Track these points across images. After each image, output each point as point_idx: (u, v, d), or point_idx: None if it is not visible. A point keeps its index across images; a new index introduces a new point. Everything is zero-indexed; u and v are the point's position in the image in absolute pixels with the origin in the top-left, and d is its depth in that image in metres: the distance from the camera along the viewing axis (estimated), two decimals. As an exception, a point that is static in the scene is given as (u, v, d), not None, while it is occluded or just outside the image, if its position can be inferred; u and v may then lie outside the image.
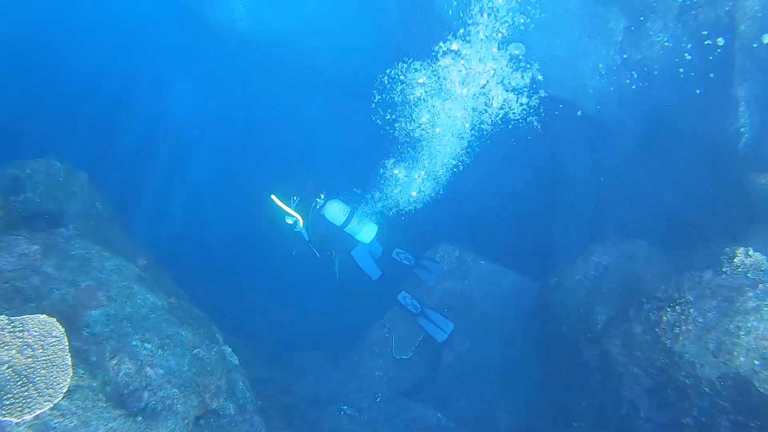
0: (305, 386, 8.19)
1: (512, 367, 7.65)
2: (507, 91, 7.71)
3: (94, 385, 3.81)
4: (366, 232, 7.51)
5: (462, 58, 7.59)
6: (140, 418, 3.89)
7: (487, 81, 7.67)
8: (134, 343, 4.47)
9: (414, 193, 8.12)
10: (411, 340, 8.07)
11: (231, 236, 13.56)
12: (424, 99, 7.84)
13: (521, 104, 7.74)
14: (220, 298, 11.32)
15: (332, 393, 8.10)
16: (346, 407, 7.44)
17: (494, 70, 7.64)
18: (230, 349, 5.91)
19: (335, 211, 7.38)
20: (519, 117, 7.81)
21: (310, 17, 13.12)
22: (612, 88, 8.77)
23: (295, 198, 7.61)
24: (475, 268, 8.41)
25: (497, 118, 7.86)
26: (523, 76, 7.75)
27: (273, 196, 7.48)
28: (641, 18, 8.34)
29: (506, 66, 7.68)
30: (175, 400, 4.29)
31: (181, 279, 7.98)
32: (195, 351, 4.96)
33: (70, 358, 3.49)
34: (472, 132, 7.99)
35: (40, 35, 15.90)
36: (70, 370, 3.45)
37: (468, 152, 8.10)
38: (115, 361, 4.13)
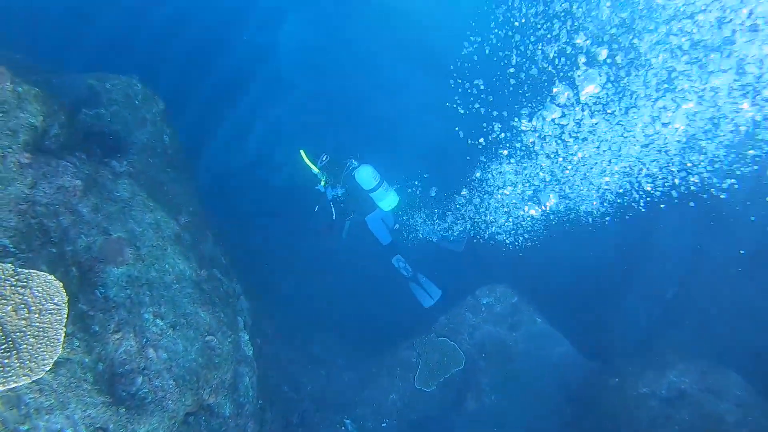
0: (316, 379, 7.77)
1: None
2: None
3: (86, 360, 3.41)
4: (388, 200, 7.71)
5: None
6: (123, 409, 3.48)
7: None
8: (146, 316, 4.05)
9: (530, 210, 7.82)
10: (438, 373, 7.46)
11: (289, 193, 13.22)
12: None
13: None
14: (259, 257, 11.05)
15: (340, 396, 7.65)
16: (349, 422, 6.98)
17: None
18: (247, 337, 5.50)
19: (367, 175, 7.54)
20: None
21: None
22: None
23: (324, 157, 7.77)
24: (528, 323, 7.64)
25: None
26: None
27: (301, 151, 7.63)
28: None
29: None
30: (169, 394, 3.87)
31: (227, 234, 7.68)
32: (208, 338, 4.52)
33: (63, 333, 3.08)
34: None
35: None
36: (60, 348, 3.04)
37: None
38: (118, 336, 3.73)
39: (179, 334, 4.25)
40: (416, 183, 9.46)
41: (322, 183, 7.76)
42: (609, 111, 6.69)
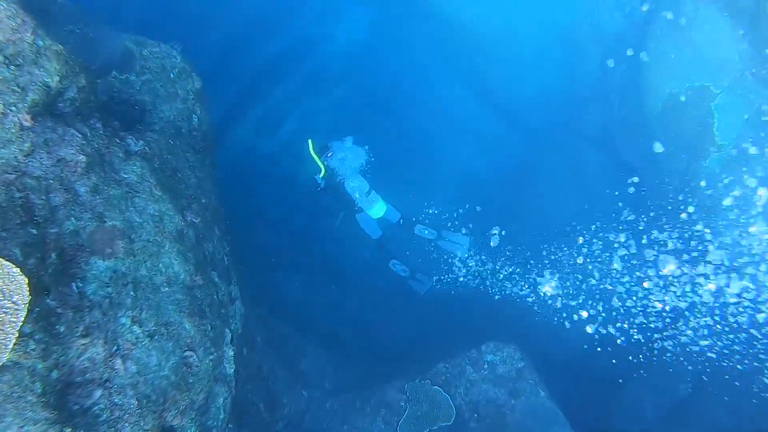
0: (296, 401, 7.30)
1: None
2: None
3: (39, 367, 2.96)
4: (375, 209, 8.08)
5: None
6: (69, 429, 3.01)
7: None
8: (123, 320, 3.60)
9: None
10: (424, 424, 6.93)
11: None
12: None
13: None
14: (268, 253, 10.65)
15: (317, 424, 7.18)
16: None
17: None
18: (232, 353, 5.03)
19: (354, 187, 7.90)
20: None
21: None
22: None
23: (329, 154, 7.97)
24: (531, 393, 7.06)
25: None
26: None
27: (309, 141, 7.84)
28: None
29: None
30: (127, 416, 3.40)
31: (237, 226, 7.26)
32: (187, 354, 4.06)
33: (15, 337, 2.62)
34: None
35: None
36: (6, 353, 2.59)
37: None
38: (85, 341, 3.28)
39: (156, 345, 3.79)
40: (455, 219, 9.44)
41: (321, 174, 7.98)
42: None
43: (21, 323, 2.63)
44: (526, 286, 8.63)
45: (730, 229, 7.49)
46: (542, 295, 8.40)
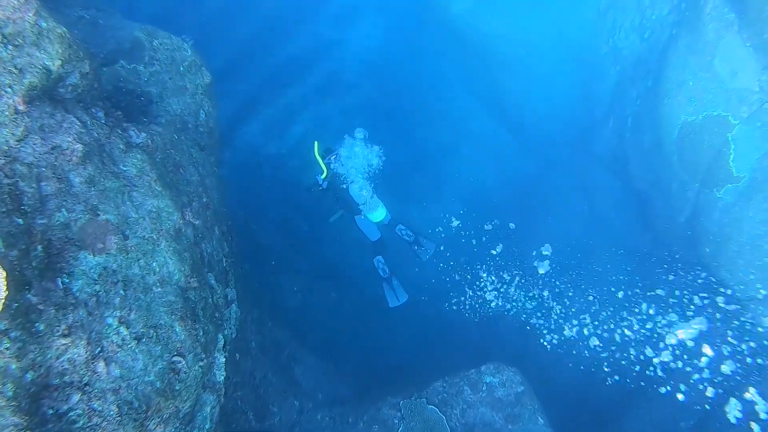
0: (286, 410, 7.07)
1: None
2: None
3: (13, 367, 2.76)
4: (376, 214, 8.16)
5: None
6: (41, 437, 2.80)
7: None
8: (110, 321, 3.40)
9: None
10: (416, 444, 6.69)
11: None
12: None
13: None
14: (269, 254, 10.45)
15: (306, 437, 6.94)
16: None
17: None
18: (224, 359, 4.82)
19: (356, 192, 7.94)
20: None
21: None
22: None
23: (333, 157, 7.97)
24: (529, 420, 6.81)
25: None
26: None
27: (316, 143, 7.89)
28: None
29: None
30: (105, 423, 3.19)
31: (238, 226, 7.08)
32: (176, 359, 3.85)
33: (-11, 336, 2.42)
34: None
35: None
36: (-22, 354, 2.39)
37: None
38: (66, 341, 3.08)
39: (143, 348, 3.59)
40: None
41: (323, 176, 8.02)
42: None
43: (-4, 320, 2.43)
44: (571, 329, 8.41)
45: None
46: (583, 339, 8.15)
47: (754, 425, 6.53)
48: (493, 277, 9.03)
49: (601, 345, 7.77)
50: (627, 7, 9.76)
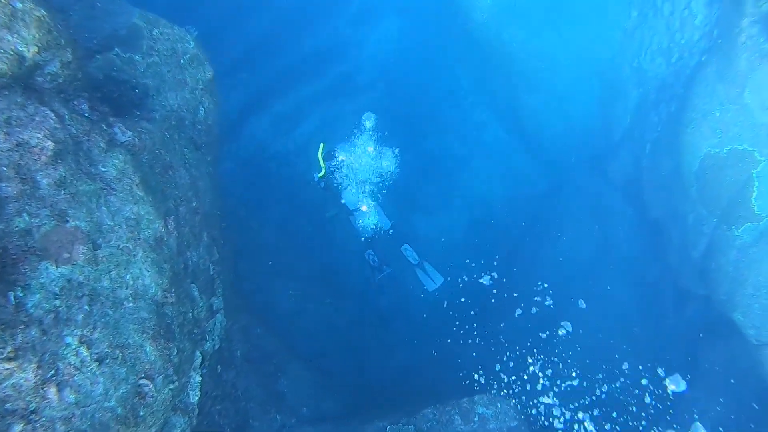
0: (267, 426, 6.74)
1: None
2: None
3: (-55, 396, 2.42)
4: (370, 216, 8.07)
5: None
6: (-28, 474, 2.46)
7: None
8: (69, 340, 3.06)
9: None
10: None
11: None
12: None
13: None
14: (265, 255, 10.13)
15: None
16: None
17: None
18: (199, 378, 4.48)
19: (350, 199, 7.97)
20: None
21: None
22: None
23: (335, 161, 7.90)
24: (523, 457, 6.47)
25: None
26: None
27: (321, 144, 7.86)
28: None
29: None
30: (52, 457, 2.85)
31: (231, 227, 6.75)
32: (142, 382, 3.51)
33: None
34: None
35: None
36: None
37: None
38: (11, 365, 2.73)
39: (105, 371, 3.25)
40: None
41: (320, 174, 7.98)
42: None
43: None
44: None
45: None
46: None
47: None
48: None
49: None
50: (656, 28, 9.35)
